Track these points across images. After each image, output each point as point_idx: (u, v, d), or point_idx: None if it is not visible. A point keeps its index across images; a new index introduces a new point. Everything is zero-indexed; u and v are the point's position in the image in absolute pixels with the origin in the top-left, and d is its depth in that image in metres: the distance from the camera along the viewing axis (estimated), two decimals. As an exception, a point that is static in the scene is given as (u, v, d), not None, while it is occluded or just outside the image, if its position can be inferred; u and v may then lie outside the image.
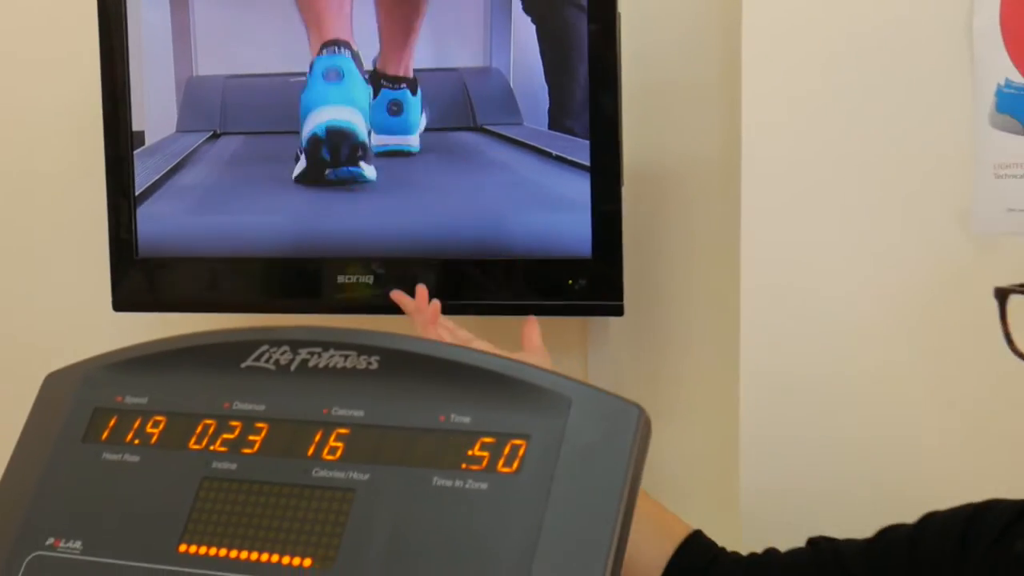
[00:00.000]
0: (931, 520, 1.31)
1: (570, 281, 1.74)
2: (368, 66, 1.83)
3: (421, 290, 1.66)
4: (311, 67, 1.82)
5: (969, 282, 1.63)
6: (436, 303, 1.65)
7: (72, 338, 1.94)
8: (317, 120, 1.83)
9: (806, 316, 1.73)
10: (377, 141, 1.82)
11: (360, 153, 1.82)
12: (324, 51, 1.83)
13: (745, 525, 1.76)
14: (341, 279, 1.80)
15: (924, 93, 1.64)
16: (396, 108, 1.81)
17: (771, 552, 1.44)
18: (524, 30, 1.74)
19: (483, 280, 1.78)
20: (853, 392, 1.73)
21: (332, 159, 1.82)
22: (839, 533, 1.54)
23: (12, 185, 2.19)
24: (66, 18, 2.00)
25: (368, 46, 1.82)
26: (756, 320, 1.74)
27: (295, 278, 1.86)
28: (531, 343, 1.60)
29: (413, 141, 1.81)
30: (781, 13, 1.70)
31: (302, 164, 1.85)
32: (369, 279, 1.79)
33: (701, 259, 1.91)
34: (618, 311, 1.72)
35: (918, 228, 1.65)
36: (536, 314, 1.73)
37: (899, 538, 1.32)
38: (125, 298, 1.89)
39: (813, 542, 1.41)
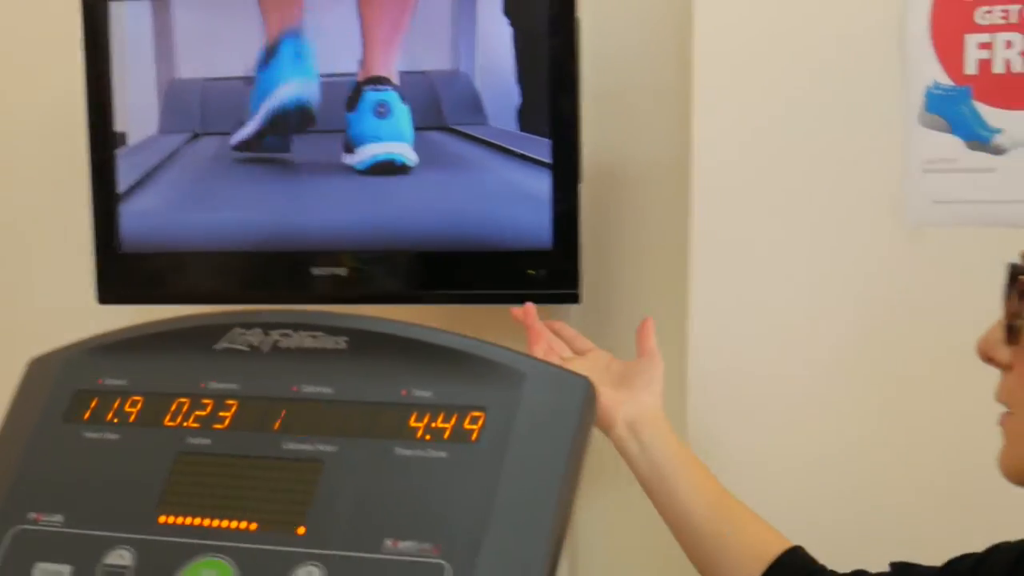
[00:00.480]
0: (996, 550, 1.28)
1: (531, 271, 1.75)
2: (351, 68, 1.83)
3: (528, 308, 1.66)
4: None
5: (902, 271, 1.68)
6: (539, 325, 1.64)
7: (57, 330, 1.96)
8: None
9: (750, 305, 1.75)
10: (363, 154, 1.82)
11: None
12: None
13: None
14: (316, 271, 1.81)
15: (859, 95, 1.68)
16: (383, 110, 1.81)
17: (859, 573, 1.40)
18: (488, 36, 1.75)
19: (449, 271, 1.79)
20: (796, 376, 1.75)
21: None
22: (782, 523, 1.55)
23: (4, 188, 2.18)
24: (51, 23, 1.99)
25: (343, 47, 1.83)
26: (704, 310, 1.76)
27: (272, 271, 1.85)
28: (644, 347, 1.60)
29: (407, 151, 1.80)
30: (730, 23, 1.74)
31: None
32: (343, 271, 1.80)
33: (654, 253, 1.91)
34: (575, 299, 1.74)
35: (855, 221, 1.69)
36: (498, 302, 1.77)
37: (965, 567, 1.29)
38: (109, 291, 1.89)
39: (894, 565, 1.38)
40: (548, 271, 1.75)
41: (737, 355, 1.76)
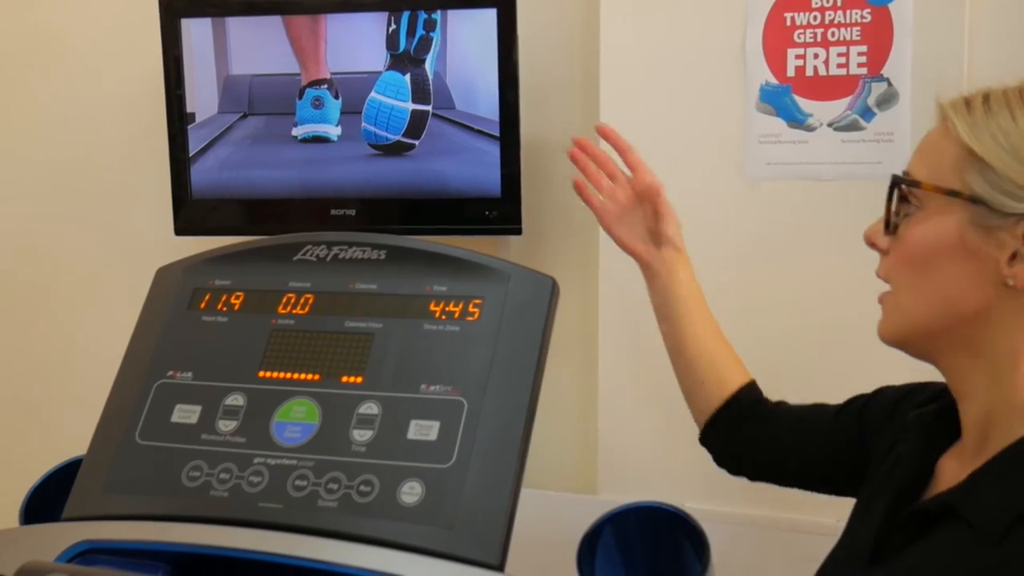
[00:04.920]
0: (880, 393, 1.19)
1: (487, 212, 1.76)
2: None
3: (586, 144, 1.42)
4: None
5: (744, 216, 1.71)
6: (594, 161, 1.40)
7: (146, 253, 1.96)
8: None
9: None
10: (301, 131, 1.81)
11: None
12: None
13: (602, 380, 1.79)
14: (333, 212, 1.80)
15: (715, 90, 1.70)
16: (318, 103, 1.80)
17: (783, 405, 1.29)
18: (456, 48, 1.74)
19: (429, 212, 1.78)
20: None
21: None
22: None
23: (106, 151, 2.14)
24: (138, 32, 1.96)
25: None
26: (609, 241, 1.68)
27: (301, 211, 1.83)
28: (642, 179, 1.37)
29: (333, 130, 1.81)
30: (624, 40, 1.74)
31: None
32: (353, 212, 1.79)
33: (572, 201, 1.75)
34: (518, 232, 1.76)
35: (713, 177, 1.72)
36: (464, 234, 1.75)
37: (855, 408, 1.19)
38: (183, 226, 1.87)
39: (810, 406, 1.27)
40: (499, 213, 1.76)
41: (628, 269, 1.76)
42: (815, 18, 1.66)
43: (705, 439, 1.33)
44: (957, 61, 1.60)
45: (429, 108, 1.77)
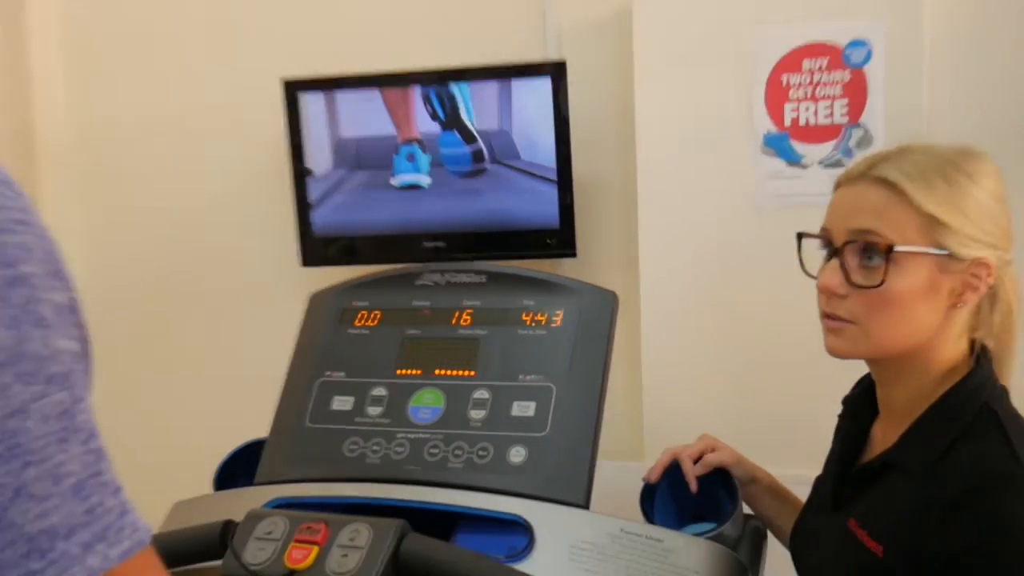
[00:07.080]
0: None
1: (547, 240, 1.96)
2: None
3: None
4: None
5: (754, 237, 1.90)
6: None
7: (277, 282, 2.18)
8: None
9: (675, 255, 1.92)
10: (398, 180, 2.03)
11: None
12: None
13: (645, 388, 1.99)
14: (426, 244, 2.02)
15: (729, 137, 1.87)
16: (411, 158, 2.01)
17: None
18: (520, 110, 1.94)
19: (502, 241, 1.98)
20: (690, 298, 1.93)
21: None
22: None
23: (241, 203, 2.30)
24: (266, 109, 2.10)
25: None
26: (647, 261, 1.97)
27: (401, 244, 2.03)
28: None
29: (424, 179, 2.03)
30: (656, 103, 1.91)
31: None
32: (443, 243, 2.01)
33: (616, 229, 2.05)
34: (574, 255, 1.96)
35: (728, 207, 1.90)
36: (530, 258, 1.93)
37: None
38: (308, 258, 2.08)
39: None
40: (557, 240, 1.96)
41: (672, 281, 1.94)
42: (806, 79, 1.87)
43: None
44: (919, 111, 1.83)
45: (481, 146, 1.99)
